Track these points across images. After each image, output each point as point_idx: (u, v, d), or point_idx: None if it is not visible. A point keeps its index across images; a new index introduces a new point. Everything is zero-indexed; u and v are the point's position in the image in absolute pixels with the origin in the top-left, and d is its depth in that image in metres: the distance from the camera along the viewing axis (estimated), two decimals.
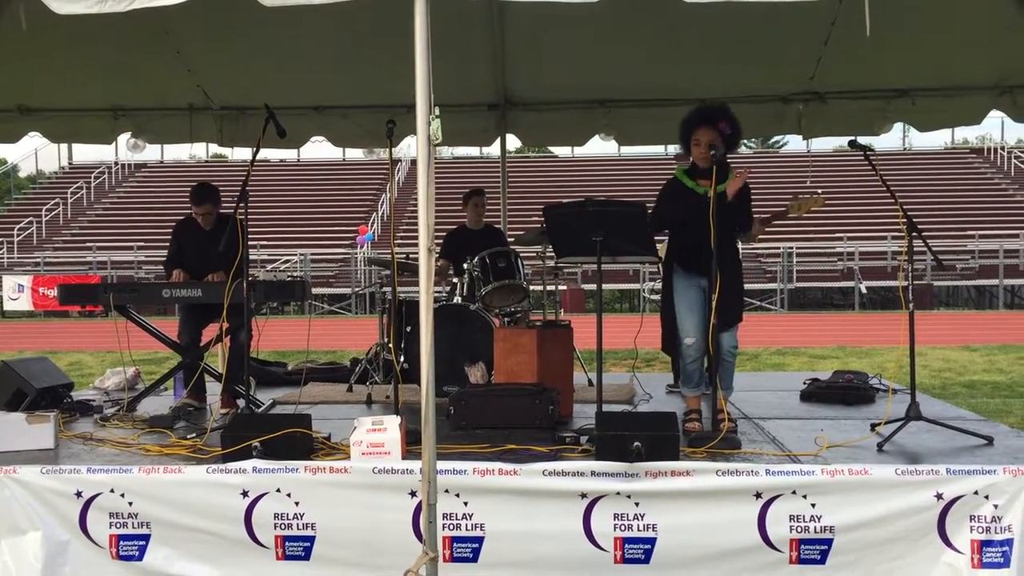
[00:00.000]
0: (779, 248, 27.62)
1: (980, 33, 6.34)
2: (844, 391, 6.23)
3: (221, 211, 6.33)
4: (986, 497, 4.00)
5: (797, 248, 27.95)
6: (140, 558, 4.24)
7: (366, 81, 7.19)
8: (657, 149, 37.19)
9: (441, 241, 7.47)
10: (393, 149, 5.23)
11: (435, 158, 3.76)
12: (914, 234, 4.84)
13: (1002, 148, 37.09)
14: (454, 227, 7.73)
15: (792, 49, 6.73)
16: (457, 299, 6.71)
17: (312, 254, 29.73)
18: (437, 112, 3.60)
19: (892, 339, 15.30)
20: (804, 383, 6.54)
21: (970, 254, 28.11)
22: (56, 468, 4.30)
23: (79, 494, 4.24)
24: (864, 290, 26.29)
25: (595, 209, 4.81)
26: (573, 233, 4.92)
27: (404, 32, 3.65)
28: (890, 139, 52.32)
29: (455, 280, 6.91)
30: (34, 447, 4.75)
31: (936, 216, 29.28)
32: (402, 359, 6.39)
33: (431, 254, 3.66)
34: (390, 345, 6.19)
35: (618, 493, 4.11)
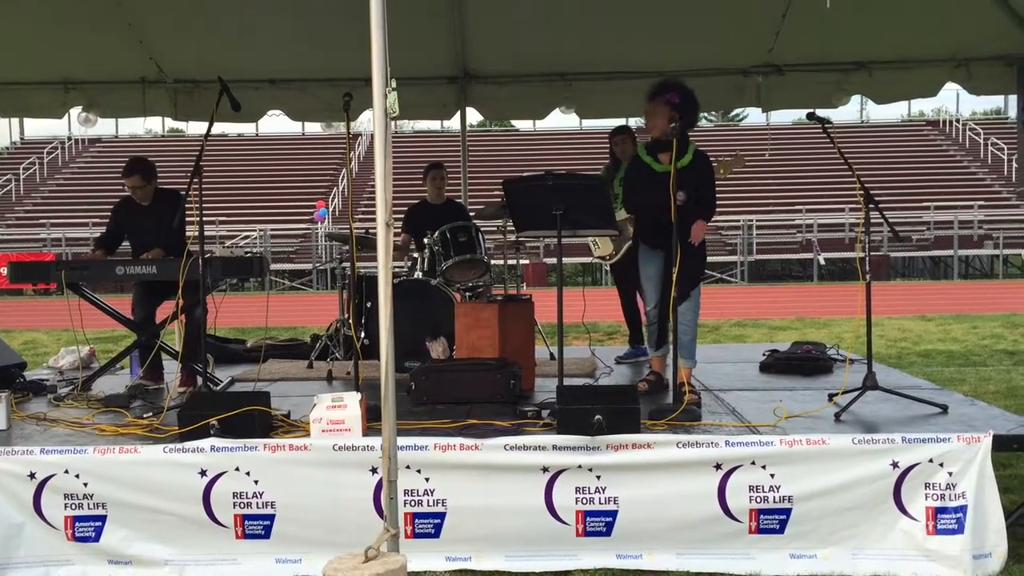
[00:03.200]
0: (739, 221, 27.81)
1: (937, 6, 6.39)
2: (802, 362, 6.29)
3: (161, 187, 6.15)
4: (941, 465, 4.06)
5: (757, 221, 28.17)
6: (97, 539, 4.18)
7: (323, 53, 7.09)
8: (618, 122, 37.16)
9: (402, 216, 7.42)
10: (352, 123, 5.15)
11: (395, 132, 3.72)
12: (871, 206, 4.88)
13: (957, 120, 37.58)
14: (415, 201, 7.67)
15: (751, 22, 6.74)
16: (418, 274, 6.67)
17: (272, 230, 29.42)
18: (394, 84, 3.54)
19: (849, 310, 15.52)
20: (763, 354, 6.61)
21: (925, 225, 28.52)
22: (8, 449, 4.22)
23: (32, 475, 4.17)
24: (822, 262, 26.61)
25: (555, 182, 4.79)
26: (534, 207, 4.90)
27: (361, 2, 3.58)
28: (847, 112, 52.76)
29: (416, 255, 6.86)
30: None
31: (892, 188, 29.61)
32: (363, 335, 6.35)
33: (389, 228, 3.62)
34: (350, 321, 6.15)
35: (580, 466, 4.12)
